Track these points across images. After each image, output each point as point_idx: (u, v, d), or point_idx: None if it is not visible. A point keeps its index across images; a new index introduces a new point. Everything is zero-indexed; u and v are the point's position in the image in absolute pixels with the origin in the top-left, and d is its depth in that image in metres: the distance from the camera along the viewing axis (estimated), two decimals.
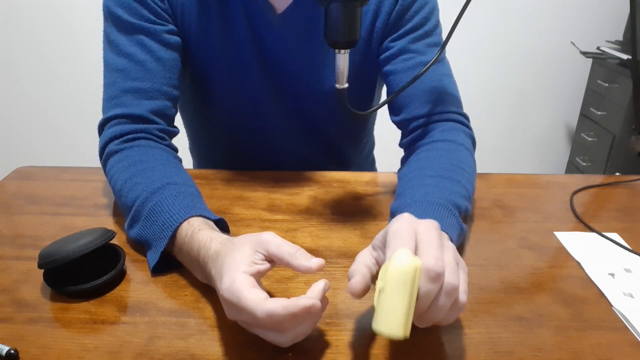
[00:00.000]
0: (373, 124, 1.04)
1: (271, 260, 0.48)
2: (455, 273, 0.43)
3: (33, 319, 0.51)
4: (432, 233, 0.44)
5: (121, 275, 0.57)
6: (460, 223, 0.59)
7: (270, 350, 0.47)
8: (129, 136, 0.70)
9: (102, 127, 0.72)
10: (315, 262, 0.46)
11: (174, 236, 0.57)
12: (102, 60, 0.75)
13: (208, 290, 0.55)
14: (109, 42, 0.74)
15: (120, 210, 0.71)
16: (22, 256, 0.61)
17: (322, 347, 0.48)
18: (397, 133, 0.82)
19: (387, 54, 0.80)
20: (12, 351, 0.46)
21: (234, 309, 0.45)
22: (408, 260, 0.40)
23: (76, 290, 0.53)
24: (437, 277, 0.41)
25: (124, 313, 0.52)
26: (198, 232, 0.54)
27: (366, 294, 0.44)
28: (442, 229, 0.51)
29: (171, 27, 0.75)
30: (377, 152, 1.12)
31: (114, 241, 0.58)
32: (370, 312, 0.52)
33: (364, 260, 0.47)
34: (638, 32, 0.71)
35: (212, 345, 0.48)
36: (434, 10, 0.80)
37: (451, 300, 0.42)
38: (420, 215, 0.54)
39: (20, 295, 0.54)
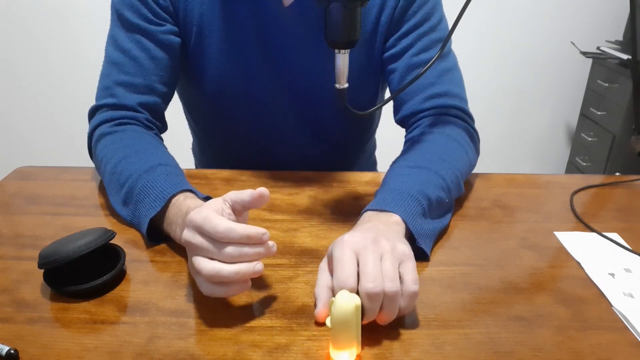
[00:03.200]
0: (377, 124, 1.03)
1: (238, 213, 0.53)
2: (393, 280, 0.48)
3: (33, 319, 0.51)
4: (367, 251, 0.50)
5: (121, 275, 0.57)
6: (425, 213, 0.62)
7: (270, 350, 0.47)
8: (119, 121, 0.75)
9: (92, 113, 0.78)
10: (259, 190, 0.52)
11: (165, 208, 0.61)
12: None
13: None
14: (110, 36, 0.78)
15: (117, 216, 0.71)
16: (22, 256, 0.61)
17: (323, 347, 0.48)
18: (398, 134, 0.83)
19: (391, 52, 0.80)
20: (12, 351, 0.46)
21: (195, 228, 0.49)
22: (347, 302, 0.45)
23: (76, 290, 0.53)
24: (375, 296, 0.47)
25: (124, 313, 0.52)
26: (191, 199, 0.61)
27: None
28: (403, 218, 0.59)
29: (169, 27, 0.77)
30: (378, 154, 1.12)
31: (114, 241, 0.58)
32: None
33: (326, 282, 0.52)
34: (638, 32, 0.71)
35: (212, 345, 0.48)
36: (437, 4, 0.80)
37: (397, 301, 0.48)
38: (386, 203, 0.61)
39: (20, 295, 0.54)
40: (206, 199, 0.64)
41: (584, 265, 0.61)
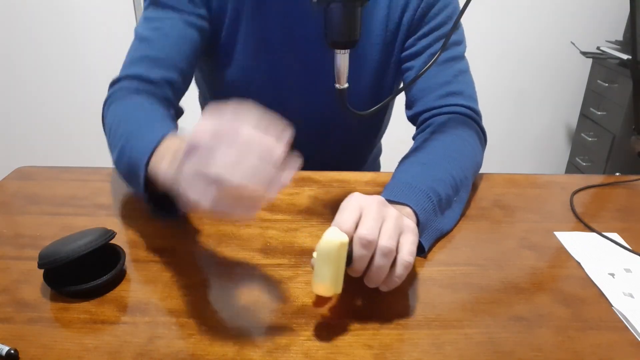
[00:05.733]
0: (386, 127, 1.03)
1: None
2: (391, 238, 0.49)
3: (33, 319, 0.51)
4: (372, 207, 0.50)
5: (121, 275, 0.57)
6: (435, 209, 0.62)
7: (270, 350, 0.47)
8: (137, 89, 0.74)
9: (113, 84, 0.77)
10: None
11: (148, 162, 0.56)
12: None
13: (208, 289, 0.55)
14: (144, 17, 0.80)
15: (119, 210, 0.71)
16: (22, 256, 0.61)
17: (323, 347, 0.48)
18: (403, 139, 0.83)
19: (410, 51, 0.82)
20: (12, 351, 0.46)
21: (209, 125, 0.43)
22: (334, 237, 0.47)
23: (76, 290, 0.53)
24: (367, 243, 0.48)
25: (124, 313, 0.52)
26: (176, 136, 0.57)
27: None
28: (417, 211, 0.58)
29: (202, 11, 0.79)
30: (382, 159, 1.11)
31: (114, 241, 0.58)
32: (370, 314, 0.52)
33: None
34: (638, 32, 0.71)
35: (212, 345, 0.48)
36: (456, 10, 0.82)
37: (389, 260, 0.49)
38: (398, 195, 0.60)
39: (20, 295, 0.54)
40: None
41: (584, 265, 0.61)
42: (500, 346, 0.48)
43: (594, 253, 0.63)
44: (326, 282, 0.47)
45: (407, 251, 0.50)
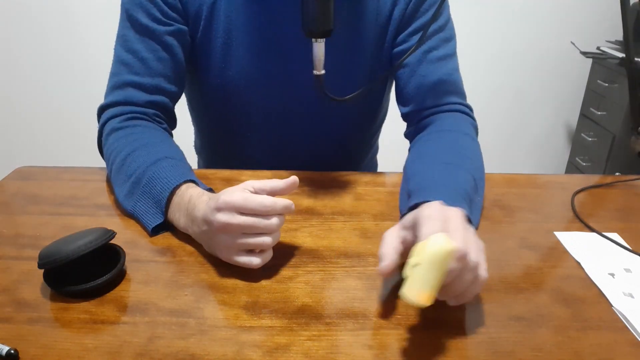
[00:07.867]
0: (381, 122, 1.03)
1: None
2: (478, 252, 0.49)
3: (33, 319, 0.51)
4: (459, 219, 0.51)
5: (121, 275, 0.57)
6: (470, 213, 0.61)
7: (270, 350, 0.47)
8: (128, 115, 0.76)
9: (102, 110, 0.79)
10: (291, 178, 0.59)
11: (170, 197, 0.64)
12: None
13: (208, 290, 0.55)
14: (120, 36, 0.80)
15: (119, 210, 0.71)
16: (22, 256, 0.61)
17: (323, 347, 0.48)
18: (399, 137, 0.83)
19: (403, 47, 0.82)
20: (12, 351, 0.46)
21: (235, 209, 0.54)
22: (445, 244, 0.45)
23: (76, 290, 0.53)
24: (463, 257, 0.47)
25: (124, 313, 0.52)
26: (192, 188, 0.64)
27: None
28: (472, 220, 0.58)
29: (178, 26, 0.78)
30: (379, 157, 1.11)
31: (114, 241, 0.58)
32: (370, 313, 0.52)
33: (393, 243, 0.52)
34: (630, 30, 0.72)
35: (212, 345, 0.48)
36: (446, 6, 0.82)
37: (474, 275, 0.49)
38: (451, 199, 0.58)
39: (20, 295, 0.54)
40: (209, 190, 0.66)
41: (584, 265, 0.61)
42: (500, 346, 0.48)
43: (594, 253, 0.63)
44: (430, 289, 0.45)
45: (484, 269, 0.50)
